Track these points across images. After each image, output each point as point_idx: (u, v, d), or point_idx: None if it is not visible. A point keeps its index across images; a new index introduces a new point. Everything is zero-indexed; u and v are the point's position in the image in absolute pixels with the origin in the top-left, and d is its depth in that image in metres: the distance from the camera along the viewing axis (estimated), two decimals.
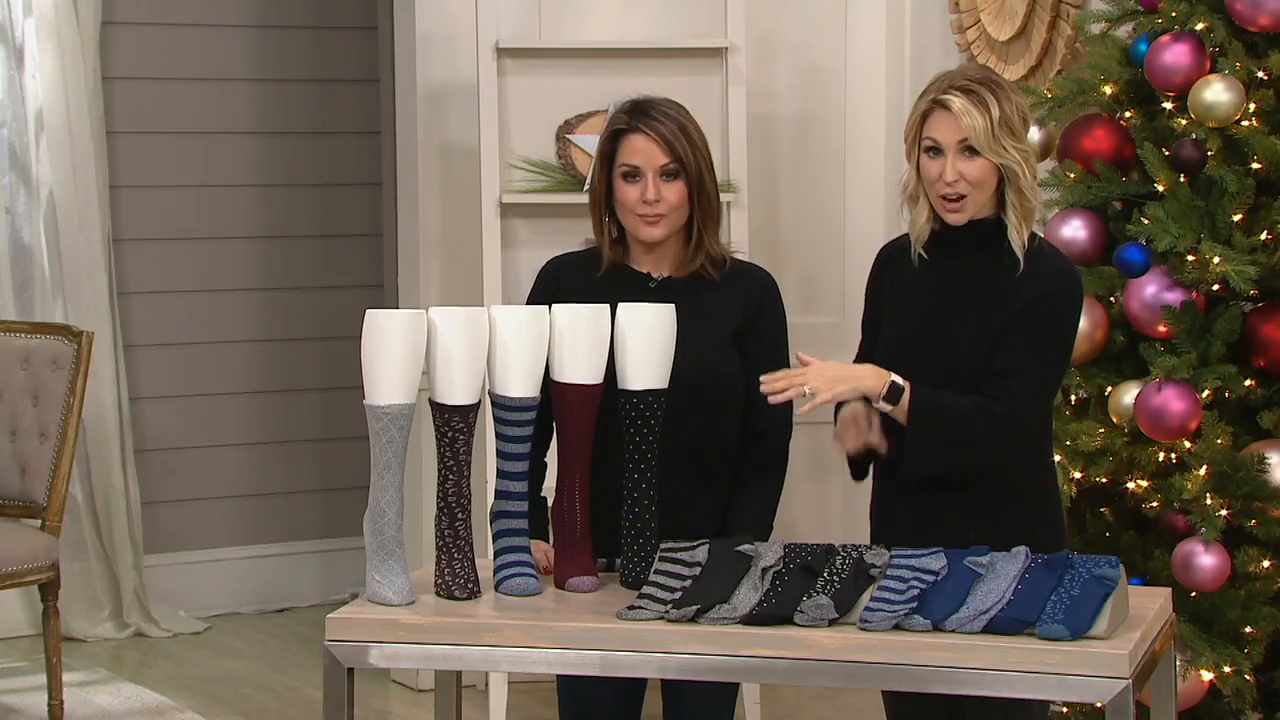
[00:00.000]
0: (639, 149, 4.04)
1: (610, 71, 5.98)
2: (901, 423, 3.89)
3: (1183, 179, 5.02)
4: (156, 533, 7.43)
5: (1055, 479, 4.06)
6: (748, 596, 3.65)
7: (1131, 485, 5.06)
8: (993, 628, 3.51)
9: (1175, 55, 5.02)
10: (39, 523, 6.05)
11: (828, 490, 6.50)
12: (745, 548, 3.74)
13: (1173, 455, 4.97)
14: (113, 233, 7.27)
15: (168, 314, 7.46)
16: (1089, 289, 5.07)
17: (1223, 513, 4.85)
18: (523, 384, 3.80)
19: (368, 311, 3.76)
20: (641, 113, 4.06)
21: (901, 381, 3.87)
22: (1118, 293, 5.13)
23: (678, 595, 3.69)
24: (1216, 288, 4.96)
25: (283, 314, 7.66)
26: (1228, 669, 4.86)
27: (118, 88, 7.32)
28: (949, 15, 6.39)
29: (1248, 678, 4.89)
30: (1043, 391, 3.93)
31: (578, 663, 3.66)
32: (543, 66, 6.18)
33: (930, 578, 3.63)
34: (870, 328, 4.08)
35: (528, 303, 4.12)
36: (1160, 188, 5.02)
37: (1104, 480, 5.08)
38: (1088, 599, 3.51)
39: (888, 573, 3.65)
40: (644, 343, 3.85)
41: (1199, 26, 5.02)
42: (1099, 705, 3.52)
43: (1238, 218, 4.94)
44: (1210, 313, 4.99)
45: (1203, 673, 4.87)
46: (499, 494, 3.91)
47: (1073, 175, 5.19)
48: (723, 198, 6.15)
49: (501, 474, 3.89)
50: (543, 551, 3.99)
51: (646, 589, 3.74)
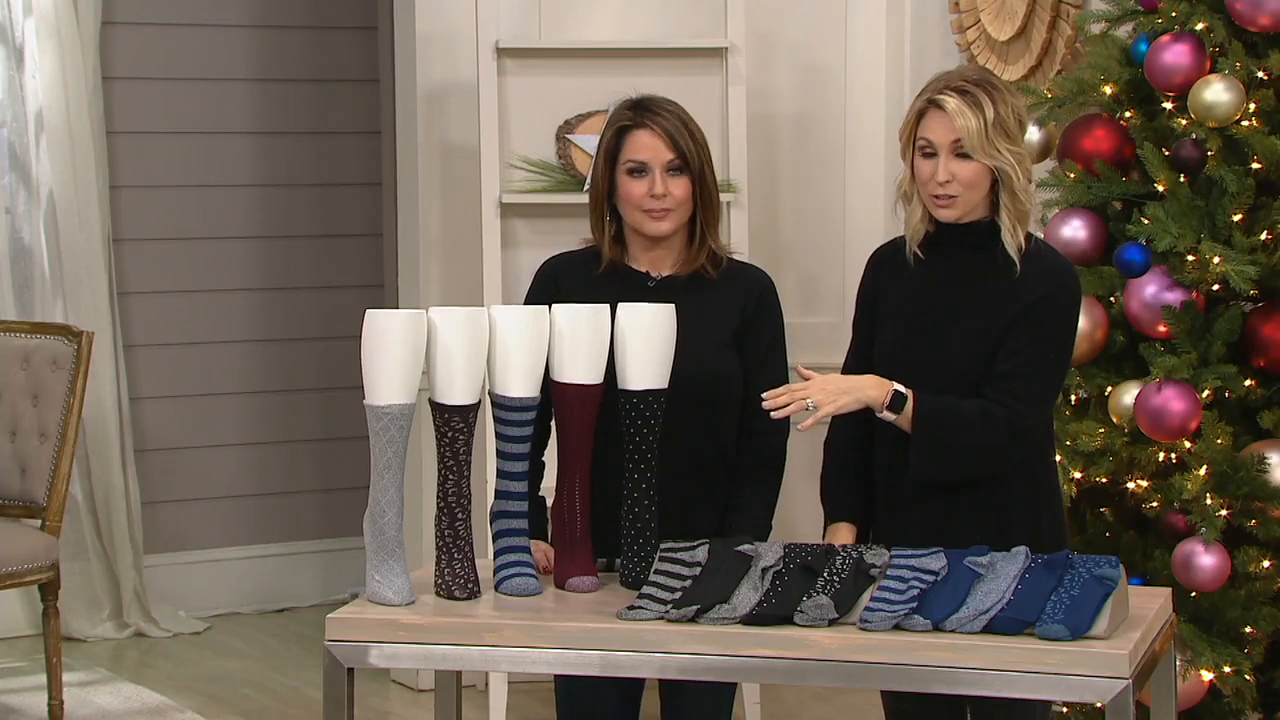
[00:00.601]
0: (645, 144, 4.05)
1: (610, 71, 5.98)
2: (906, 431, 3.89)
3: (1183, 179, 5.02)
4: (156, 533, 7.43)
5: (1057, 479, 4.06)
6: (748, 596, 3.65)
7: (1131, 485, 5.06)
8: (993, 628, 3.51)
9: (1175, 55, 5.02)
10: (39, 523, 6.05)
11: None
12: (745, 548, 3.74)
13: (1173, 455, 4.97)
14: (113, 233, 7.27)
15: (168, 314, 7.46)
16: (1089, 289, 5.08)
17: (1223, 513, 4.85)
18: (523, 384, 3.80)
19: (368, 311, 3.76)
20: (646, 109, 4.08)
21: (905, 390, 3.87)
22: (1118, 293, 5.13)
23: (678, 595, 3.69)
24: (1216, 288, 4.96)
25: (283, 314, 7.66)
26: (1228, 669, 4.86)
27: (118, 88, 7.32)
28: (949, 15, 6.39)
29: (1248, 678, 4.89)
30: (1045, 393, 3.92)
31: (578, 663, 3.66)
32: (543, 66, 6.18)
33: (930, 578, 3.63)
34: (862, 330, 4.08)
35: (526, 302, 4.13)
36: (1160, 188, 5.02)
37: (1104, 480, 5.08)
38: (1088, 599, 3.51)
39: (888, 573, 3.65)
40: (644, 343, 3.85)
41: (1199, 26, 5.02)
42: (1099, 705, 3.52)
43: (1238, 218, 4.94)
44: (1210, 313, 4.99)
45: (1203, 673, 4.87)
46: (499, 494, 3.91)
47: (1073, 175, 5.19)
48: (723, 198, 6.19)
49: (501, 474, 3.89)
50: (542, 551, 3.99)
51: (646, 589, 3.74)
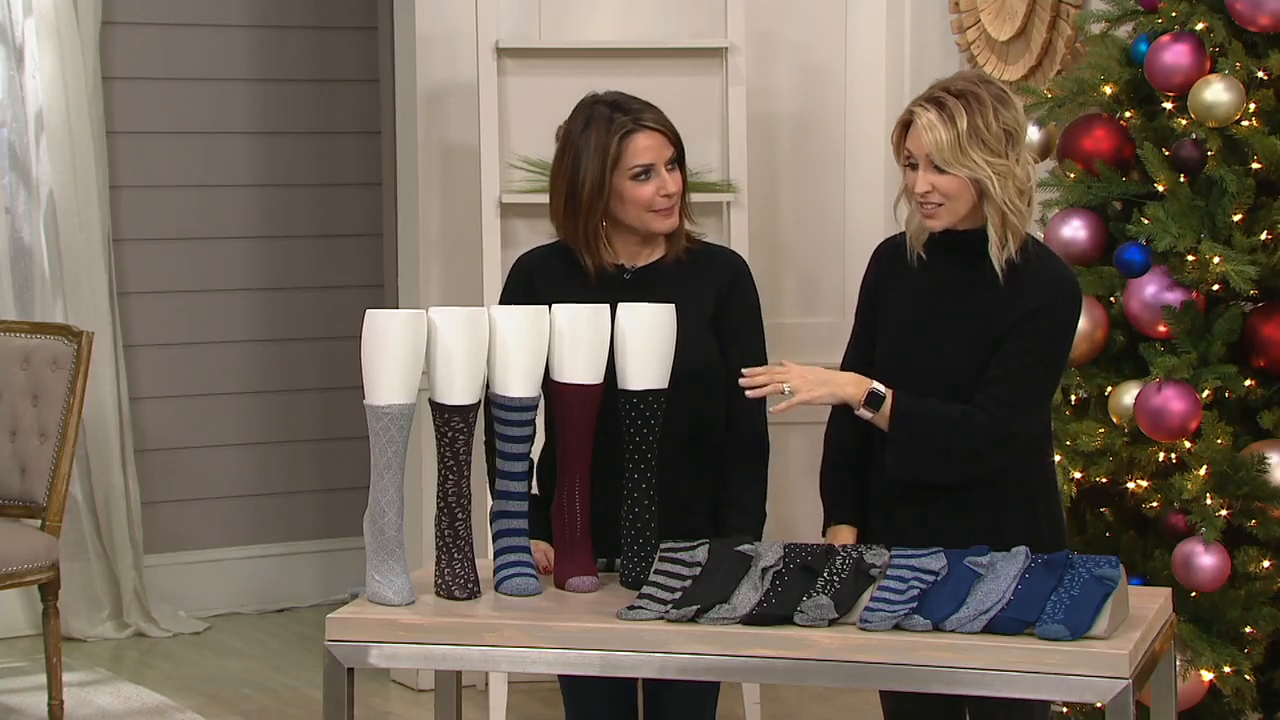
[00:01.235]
0: (648, 146, 4.06)
1: (610, 71, 5.97)
2: (884, 430, 3.89)
3: (1183, 179, 5.02)
4: (156, 533, 7.43)
5: (1056, 481, 4.06)
6: (748, 596, 3.65)
7: (1131, 485, 5.06)
8: (993, 628, 3.51)
9: (1175, 55, 5.02)
10: (39, 523, 6.05)
11: None
12: (745, 548, 3.74)
13: (1173, 455, 4.97)
14: (113, 233, 7.27)
15: (168, 314, 7.46)
16: (1089, 289, 5.08)
17: (1223, 513, 4.85)
18: (523, 384, 3.80)
19: (368, 311, 3.76)
20: (633, 110, 4.08)
21: (883, 389, 3.88)
22: (1118, 293, 5.13)
23: (678, 595, 3.69)
24: (1216, 288, 4.96)
25: (283, 314, 7.66)
26: (1228, 669, 4.86)
27: (118, 88, 7.31)
28: (949, 15, 6.39)
29: (1248, 678, 4.89)
30: (1033, 400, 3.92)
31: (578, 663, 3.66)
32: (543, 66, 6.18)
33: (930, 578, 3.63)
34: (863, 322, 4.08)
35: (501, 300, 4.12)
36: (1160, 188, 5.02)
37: (1104, 480, 5.08)
38: (1088, 599, 3.51)
39: (888, 573, 3.66)
40: (644, 343, 3.85)
41: (1199, 26, 5.02)
42: (1099, 705, 3.52)
43: (1238, 218, 4.94)
44: (1210, 313, 4.99)
45: (1203, 673, 4.87)
46: (499, 494, 3.91)
47: (1073, 175, 5.19)
48: (722, 198, 6.21)
49: (501, 474, 3.89)
50: (542, 551, 3.99)
51: (646, 589, 3.74)
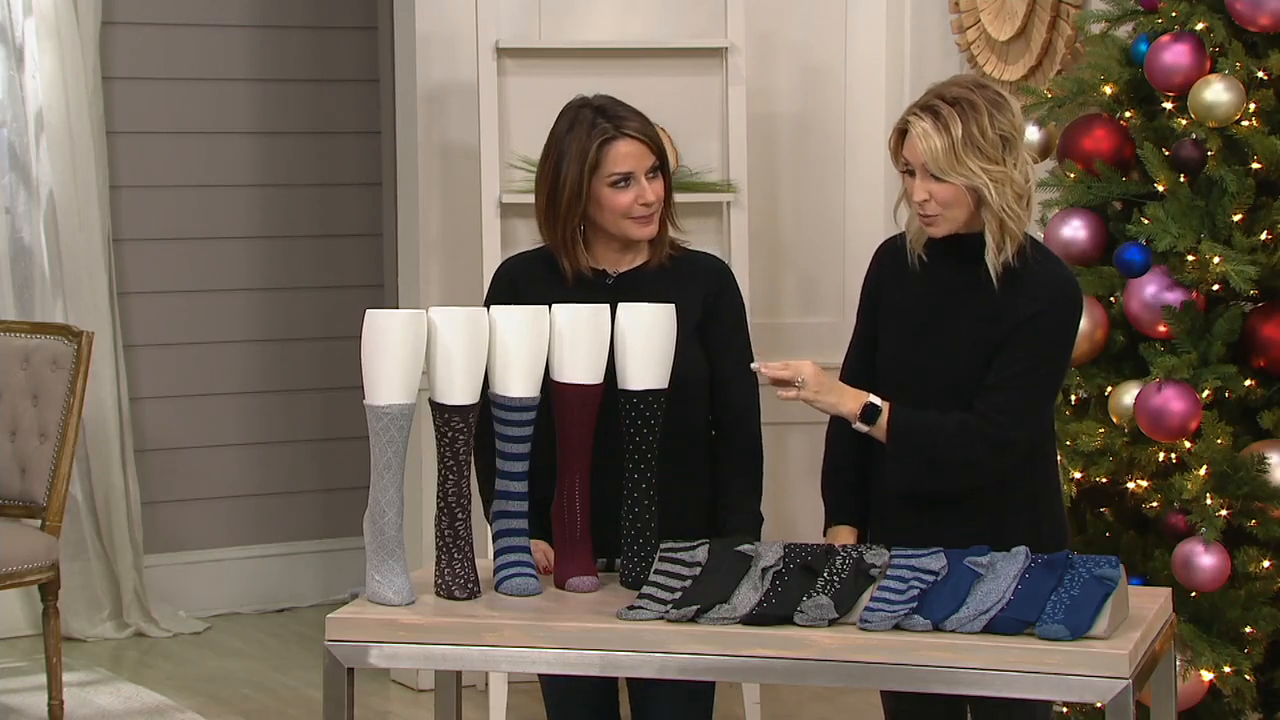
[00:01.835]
0: (628, 154, 4.04)
1: (610, 71, 5.97)
2: (882, 441, 3.90)
3: (1183, 179, 5.02)
4: (156, 533, 7.43)
5: (1059, 485, 4.06)
6: (748, 596, 3.65)
7: (1131, 485, 5.06)
8: (993, 628, 3.51)
9: (1175, 55, 5.02)
10: (39, 523, 6.05)
11: None
12: (745, 548, 3.74)
13: (1173, 455, 4.97)
14: (113, 233, 7.27)
15: (168, 314, 7.46)
16: (1089, 289, 5.07)
17: (1223, 513, 4.85)
18: (523, 384, 3.80)
19: (368, 311, 3.76)
20: (616, 117, 4.06)
21: (879, 402, 3.89)
22: (1118, 293, 5.13)
23: (678, 595, 3.69)
24: (1216, 288, 4.96)
25: (283, 314, 7.66)
26: (1228, 669, 4.86)
27: (118, 88, 7.32)
28: (949, 15, 6.39)
29: (1248, 678, 4.89)
30: (1033, 406, 3.90)
31: (578, 663, 3.66)
32: (543, 66, 6.18)
33: (930, 578, 3.63)
34: (865, 322, 4.09)
35: (486, 306, 4.11)
36: (1160, 188, 5.02)
37: (1104, 480, 5.08)
38: (1088, 599, 3.51)
39: (888, 573, 3.65)
40: (644, 343, 3.85)
41: (1199, 26, 5.02)
42: (1099, 705, 3.52)
43: (1238, 218, 4.94)
44: (1210, 313, 4.99)
45: (1203, 673, 4.87)
46: (499, 494, 3.91)
47: (1073, 175, 5.19)
48: (722, 198, 6.21)
49: (501, 474, 3.89)
50: (542, 551, 3.99)
51: (646, 589, 3.74)
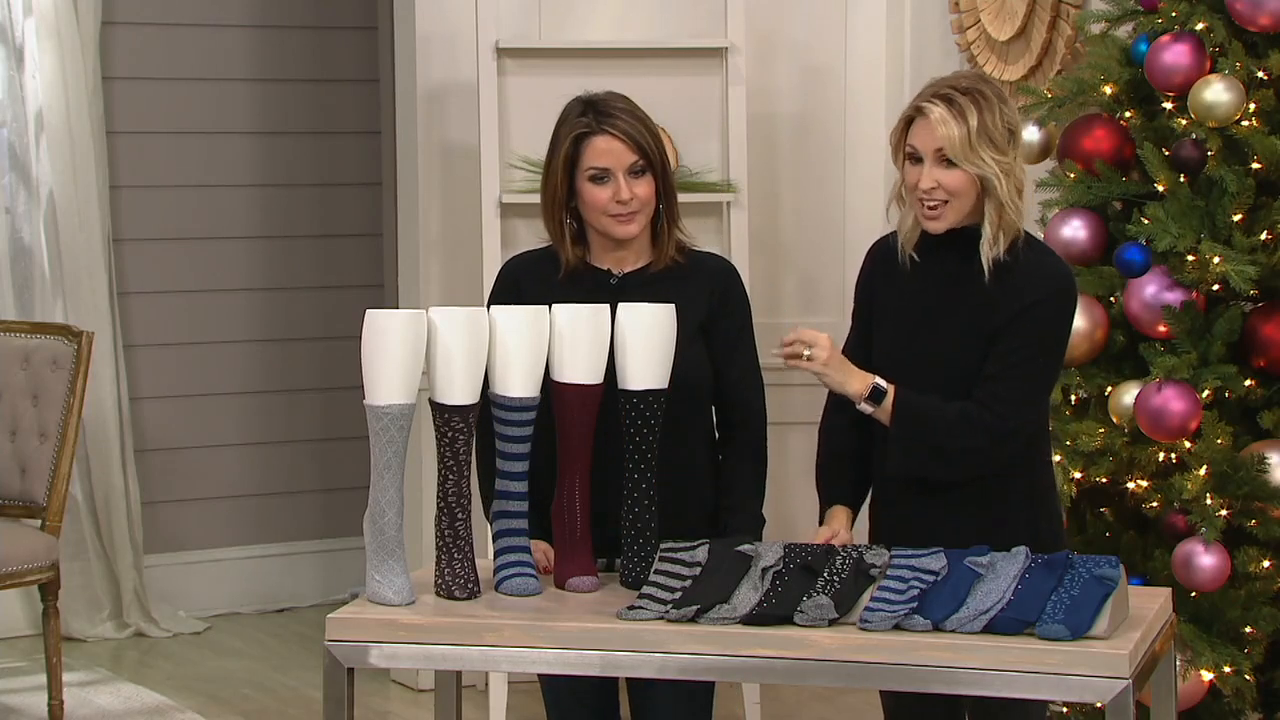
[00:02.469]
0: (606, 150, 4.04)
1: (610, 71, 5.97)
2: (885, 425, 3.91)
3: (1183, 179, 5.02)
4: (156, 533, 7.43)
5: (1054, 479, 4.07)
6: (748, 596, 3.65)
7: (1131, 485, 5.06)
8: (993, 628, 3.51)
9: (1175, 55, 5.02)
10: (39, 523, 6.05)
11: None
12: (745, 548, 3.74)
13: (1173, 455, 4.97)
14: (113, 233, 7.27)
15: (168, 314, 7.46)
16: (1089, 289, 5.08)
17: (1223, 513, 4.85)
18: (523, 384, 3.80)
19: (368, 311, 3.76)
20: (601, 113, 4.06)
21: (885, 385, 3.89)
22: (1118, 293, 5.13)
23: (678, 595, 3.69)
24: (1216, 288, 4.96)
25: (283, 314, 7.66)
26: (1228, 669, 4.86)
27: (118, 88, 7.32)
28: (949, 15, 6.39)
29: (1248, 678, 4.89)
30: (1031, 395, 3.93)
31: (578, 663, 3.66)
32: (543, 66, 6.18)
33: (930, 578, 3.63)
34: (860, 321, 4.10)
35: (489, 304, 4.12)
36: (1160, 188, 5.02)
37: (1104, 480, 5.08)
38: (1088, 599, 3.51)
39: (888, 573, 3.65)
40: (644, 343, 3.85)
41: (1199, 26, 5.02)
42: (1099, 705, 3.52)
43: (1238, 218, 4.94)
44: (1210, 313, 4.99)
45: (1203, 673, 4.87)
46: (499, 494, 3.91)
47: (1073, 175, 5.19)
48: (722, 198, 6.20)
49: (501, 474, 3.89)
50: (542, 551, 3.99)
51: (646, 589, 3.74)
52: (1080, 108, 5.30)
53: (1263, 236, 4.93)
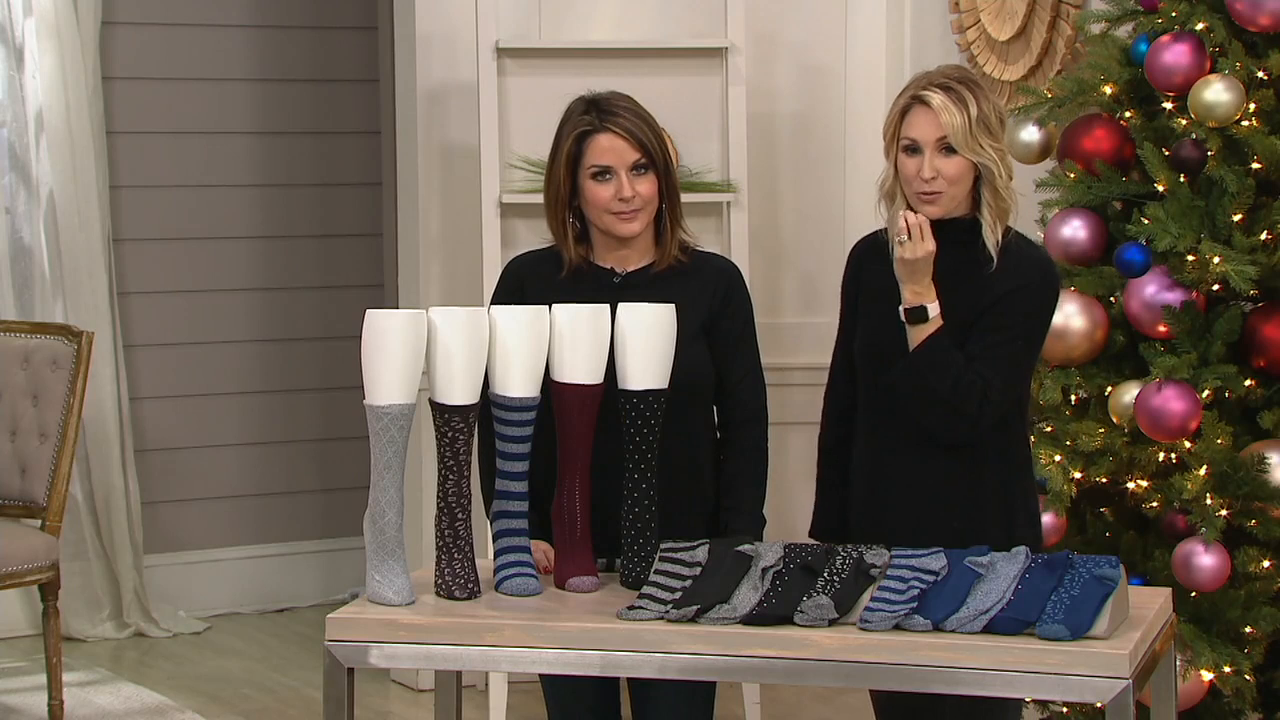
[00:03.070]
0: (608, 148, 4.04)
1: (610, 71, 5.97)
2: (911, 342, 3.94)
3: (1183, 179, 5.02)
4: (156, 533, 7.43)
5: (1030, 457, 4.11)
6: (748, 596, 3.65)
7: (1131, 485, 5.06)
8: (993, 628, 3.51)
9: (1175, 55, 5.02)
10: (39, 523, 6.06)
11: None
12: (745, 548, 3.75)
13: (1173, 455, 4.97)
14: (113, 233, 7.27)
15: (168, 314, 7.46)
16: (1089, 289, 5.08)
17: (1223, 513, 4.85)
18: (523, 384, 3.80)
19: (368, 311, 3.76)
20: (604, 111, 4.07)
21: (933, 312, 3.92)
22: (1118, 293, 5.13)
23: (678, 595, 3.69)
24: (1216, 288, 4.96)
25: (283, 314, 7.66)
26: (1228, 669, 4.86)
27: (118, 88, 7.32)
28: (949, 15, 6.39)
29: (1248, 678, 4.88)
30: (1010, 376, 3.96)
31: (578, 663, 3.66)
32: (543, 66, 6.18)
33: (930, 578, 3.63)
34: (847, 323, 4.13)
35: (492, 303, 4.12)
36: (1160, 188, 5.02)
37: (1104, 480, 5.08)
38: (1088, 599, 3.51)
39: (888, 573, 3.66)
40: (644, 343, 3.85)
41: (1199, 26, 5.02)
42: (1099, 705, 3.52)
43: (1238, 218, 4.94)
44: (1210, 313, 4.98)
45: (1203, 673, 4.87)
46: (499, 494, 3.91)
47: (1073, 175, 5.19)
48: (722, 198, 6.21)
49: (501, 474, 3.89)
50: (542, 551, 3.99)
51: (646, 589, 3.74)
52: (1080, 108, 5.30)
53: (1263, 236, 4.93)
